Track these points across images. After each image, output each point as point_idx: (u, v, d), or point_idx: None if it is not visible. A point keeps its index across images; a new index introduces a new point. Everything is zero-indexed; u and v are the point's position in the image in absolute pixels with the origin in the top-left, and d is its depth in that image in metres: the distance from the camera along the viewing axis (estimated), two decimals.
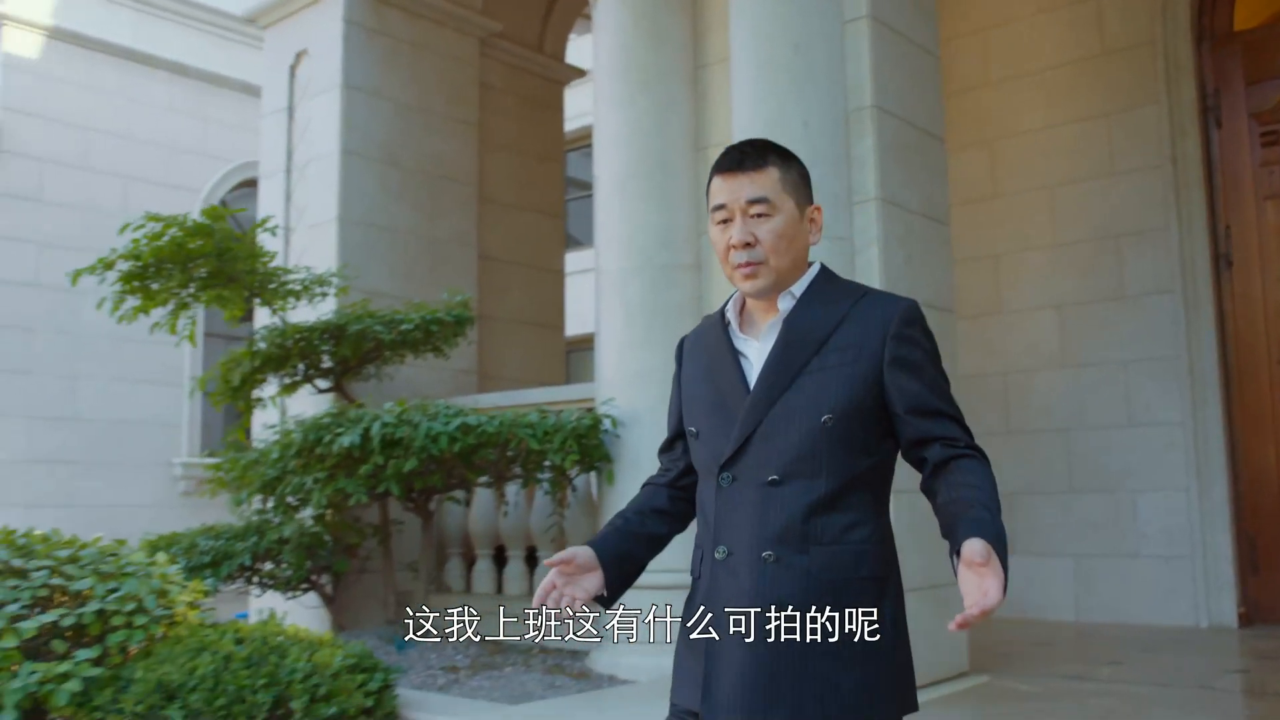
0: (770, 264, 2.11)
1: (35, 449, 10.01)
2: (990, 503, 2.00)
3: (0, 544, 3.95)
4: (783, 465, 2.06)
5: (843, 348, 2.09)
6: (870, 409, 2.08)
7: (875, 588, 2.05)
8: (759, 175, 2.15)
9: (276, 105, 7.00)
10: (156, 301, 5.48)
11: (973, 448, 2.09)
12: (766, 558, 2.04)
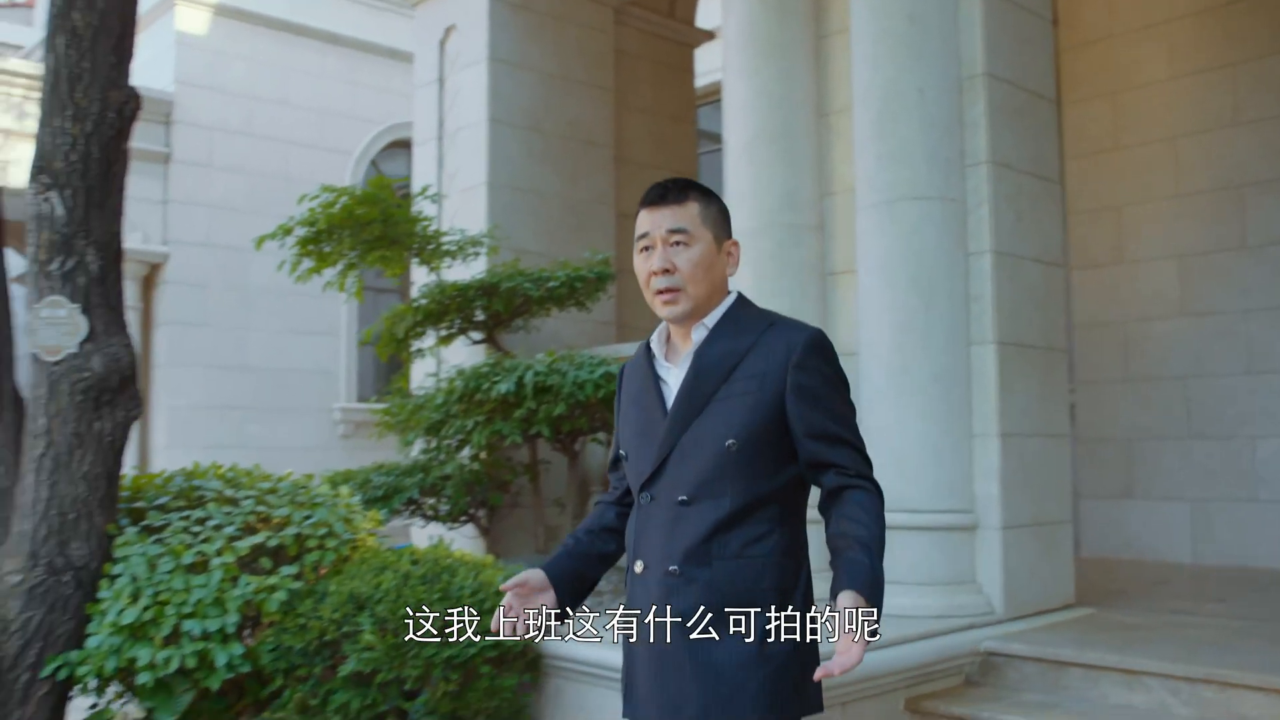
0: (688, 291, 2.27)
1: (211, 396, 10.88)
2: (870, 540, 2.16)
3: (215, 477, 4.59)
4: (692, 486, 2.23)
5: (748, 376, 2.24)
6: (773, 434, 2.23)
7: (777, 597, 2.20)
8: (679, 209, 2.30)
9: (427, 77, 7.53)
10: (328, 262, 6.08)
11: (864, 476, 2.24)
12: (672, 572, 2.20)
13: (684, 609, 2.21)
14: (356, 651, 3.94)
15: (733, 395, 2.25)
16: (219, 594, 3.96)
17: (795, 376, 2.23)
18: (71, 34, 3.95)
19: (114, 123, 4.08)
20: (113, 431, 4.08)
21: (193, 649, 3.85)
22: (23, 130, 9.49)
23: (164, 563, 3.98)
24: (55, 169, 3.96)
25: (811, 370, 2.25)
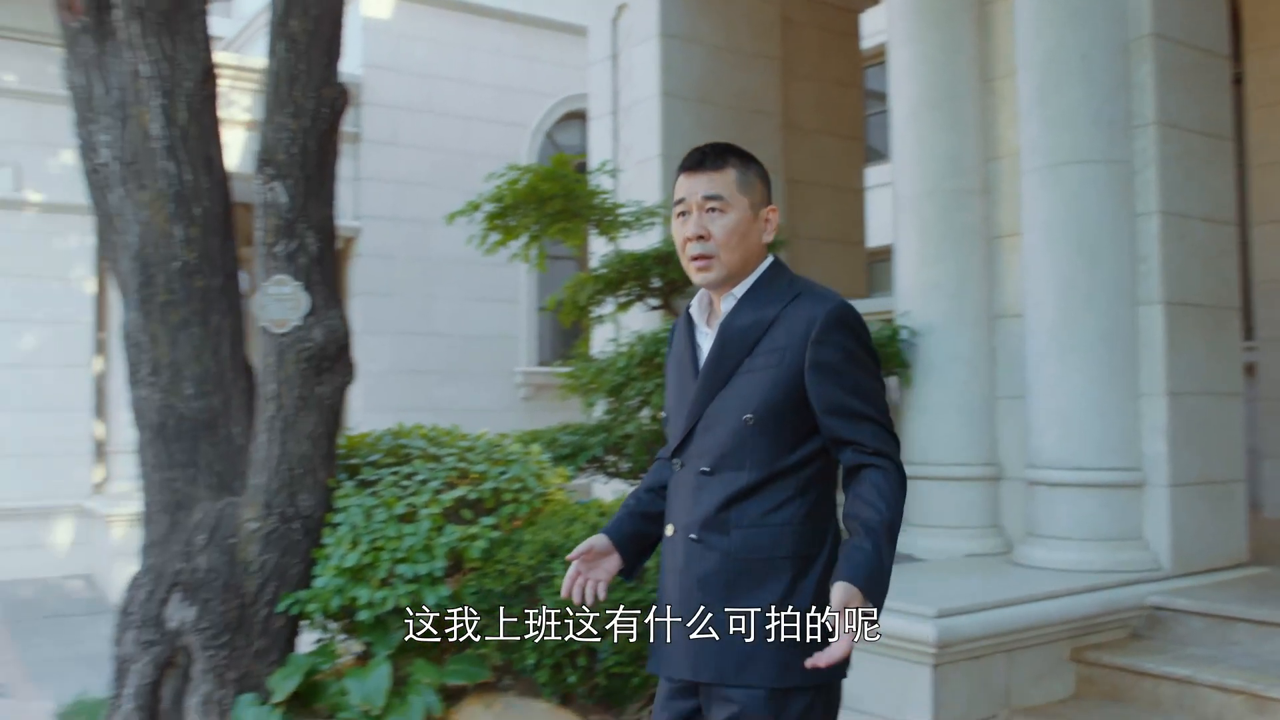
0: (721, 258, 2.27)
1: (400, 361, 11.54)
2: (878, 524, 2.14)
3: (420, 436, 5.04)
4: (714, 457, 2.25)
5: (769, 350, 2.24)
6: (793, 408, 2.24)
7: (795, 564, 2.21)
8: (716, 175, 2.29)
9: (601, 54, 7.85)
10: (513, 235, 6.48)
11: (882, 454, 2.20)
12: (693, 539, 2.26)
13: (704, 573, 2.25)
14: (550, 595, 4.31)
15: (754, 369, 2.26)
16: (427, 541, 4.38)
17: (814, 351, 2.22)
18: (290, 40, 4.39)
19: (327, 117, 4.51)
20: (332, 395, 4.54)
21: (405, 590, 4.28)
22: (229, 119, 10.19)
23: (378, 513, 4.42)
24: (278, 161, 4.42)
25: (831, 345, 2.22)
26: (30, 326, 9.72)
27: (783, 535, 2.23)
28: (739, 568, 2.24)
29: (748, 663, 2.21)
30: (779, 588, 2.20)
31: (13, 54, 9.45)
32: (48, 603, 8.63)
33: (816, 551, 2.25)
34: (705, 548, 2.27)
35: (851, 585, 2.06)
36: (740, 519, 2.25)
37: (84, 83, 4.66)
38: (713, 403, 2.30)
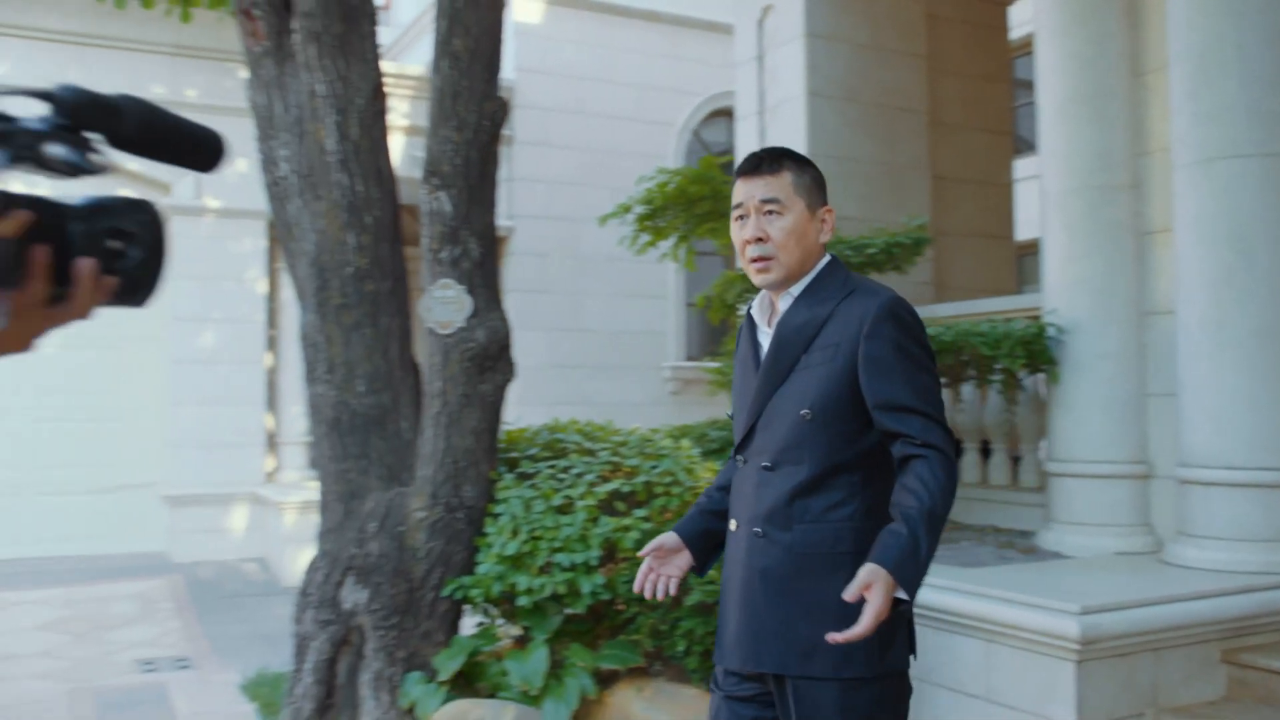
0: (780, 259, 2.35)
1: (552, 356, 11.87)
2: (918, 511, 2.13)
3: (575, 431, 5.27)
4: (774, 453, 2.31)
5: (824, 347, 2.30)
6: (849, 403, 2.29)
7: (855, 560, 2.19)
8: (773, 179, 2.36)
9: (747, 55, 7.98)
10: (663, 235, 6.68)
11: (931, 445, 2.20)
12: (756, 533, 2.32)
13: (766, 567, 2.32)
14: (700, 584, 4.48)
15: (810, 366, 2.32)
16: (583, 532, 4.60)
17: (865, 346, 2.26)
18: (453, 58, 4.65)
19: (488, 129, 4.77)
20: (493, 393, 4.81)
21: (562, 578, 4.51)
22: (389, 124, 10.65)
23: (537, 504, 4.66)
24: (443, 172, 4.69)
25: (881, 339, 2.26)
26: (209, 325, 10.35)
27: (843, 531, 2.29)
28: (800, 562, 2.30)
29: (811, 654, 2.26)
30: (840, 581, 2.17)
31: (192, 71, 10.06)
32: (226, 583, 9.19)
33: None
34: (768, 542, 2.33)
35: (879, 567, 2.08)
36: (802, 514, 2.30)
37: (265, 102, 5.02)
38: (772, 400, 2.36)
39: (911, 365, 2.27)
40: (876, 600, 2.05)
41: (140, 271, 1.12)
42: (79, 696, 5.85)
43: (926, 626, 4.43)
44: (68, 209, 1.07)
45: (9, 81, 8.99)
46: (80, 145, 1.05)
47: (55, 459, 10.12)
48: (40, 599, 8.25)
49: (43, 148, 1.03)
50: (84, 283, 1.06)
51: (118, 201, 1.11)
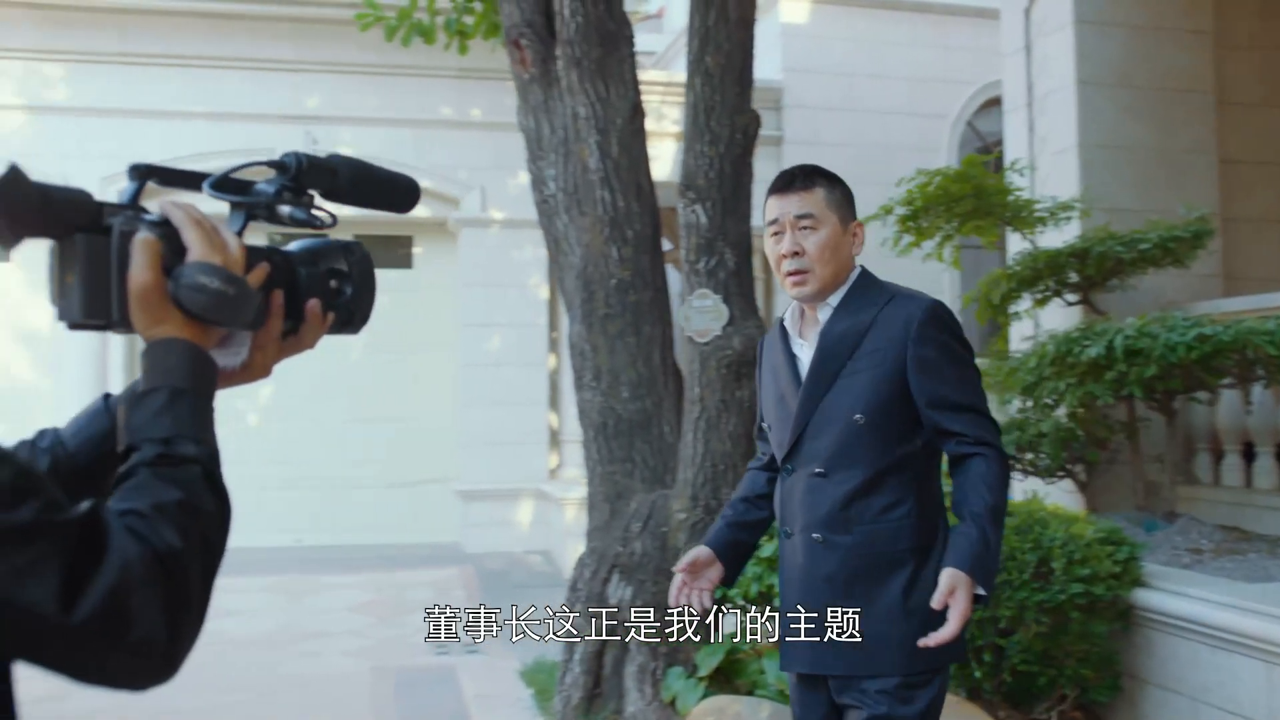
0: (816, 272, 2.43)
1: None
2: (983, 510, 2.25)
3: None
4: (826, 459, 2.35)
5: (870, 352, 2.38)
6: (899, 405, 2.37)
7: (915, 556, 2.34)
8: (806, 195, 2.43)
9: (1015, 46, 7.75)
10: (926, 236, 6.61)
11: (984, 442, 2.31)
12: (815, 539, 2.34)
13: (829, 571, 2.37)
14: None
15: (857, 371, 2.40)
16: None
17: (914, 349, 2.36)
18: (705, 75, 4.81)
19: (741, 142, 4.90)
20: (750, 398, 4.93)
21: None
22: (661, 131, 10.96)
23: None
24: (698, 185, 4.86)
25: (929, 341, 2.37)
26: (495, 330, 10.98)
27: (902, 529, 2.36)
28: (862, 564, 2.36)
29: (878, 653, 2.33)
30: (902, 580, 2.32)
31: (477, 91, 10.70)
32: (513, 574, 9.75)
33: (932, 542, 2.37)
34: (828, 547, 2.39)
35: (958, 571, 2.20)
36: (861, 516, 2.37)
37: (533, 125, 5.34)
38: (819, 407, 2.42)
39: (959, 364, 2.40)
40: (961, 603, 2.18)
41: (355, 305, 1.32)
42: (380, 674, 6.41)
43: (1201, 644, 4.24)
44: (295, 255, 1.27)
45: (322, 112, 9.83)
46: (305, 203, 1.26)
47: (362, 456, 11.01)
48: (349, 583, 9.03)
49: (276, 208, 1.24)
50: (312, 319, 1.27)
51: (333, 245, 1.31)
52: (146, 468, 1.04)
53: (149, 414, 1.07)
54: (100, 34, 10.18)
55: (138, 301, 1.10)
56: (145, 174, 1.22)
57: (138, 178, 1.21)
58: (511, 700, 5.82)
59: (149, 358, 1.11)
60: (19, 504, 0.90)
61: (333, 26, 10.21)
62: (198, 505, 1.04)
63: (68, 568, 0.90)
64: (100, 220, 1.13)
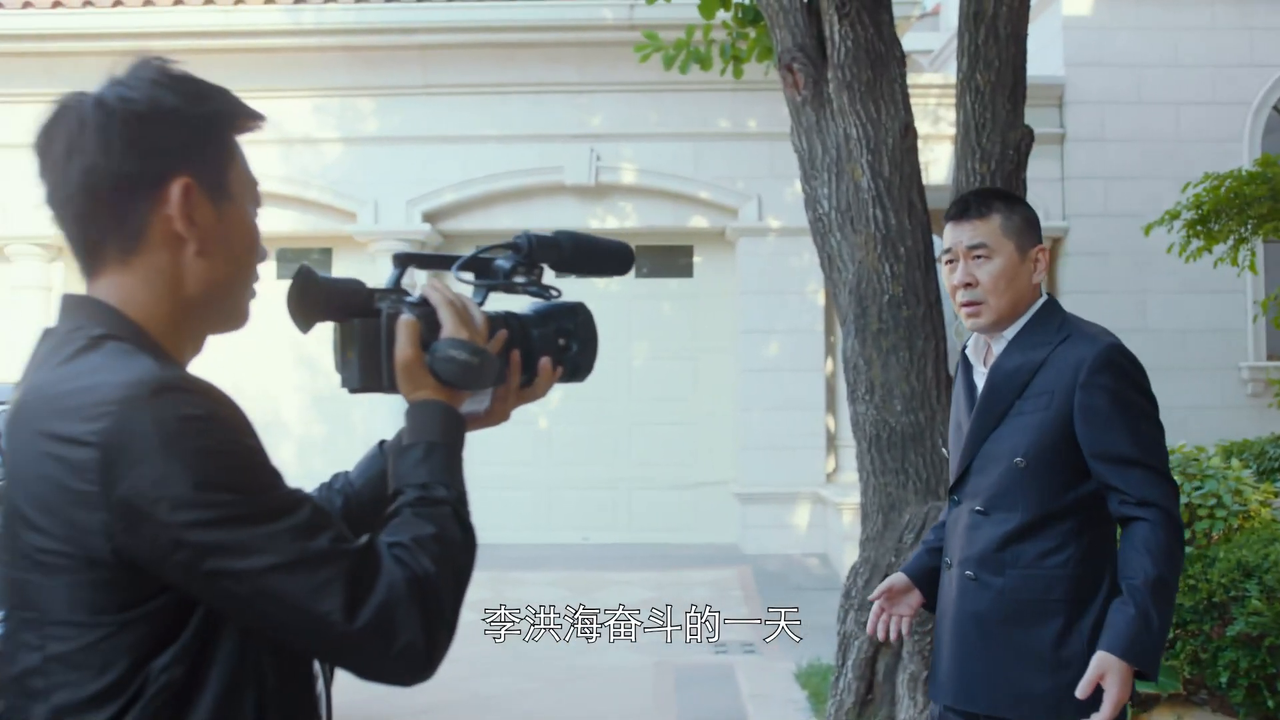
0: (990, 303, 2.35)
1: None
2: (1140, 585, 2.13)
3: None
4: (987, 497, 2.29)
5: (1038, 394, 2.28)
6: (1064, 451, 2.26)
7: (1069, 609, 2.25)
8: (981, 223, 2.34)
9: None
10: (1216, 240, 6.35)
11: (1147, 503, 2.13)
12: (969, 576, 2.29)
13: (978, 610, 2.32)
14: (1244, 615, 4.33)
15: (1024, 412, 2.32)
16: None
17: (1082, 396, 2.27)
18: (975, 92, 4.86)
19: (1013, 158, 4.91)
20: None
21: None
22: (938, 134, 10.89)
23: None
24: None
25: (1098, 389, 2.27)
26: (773, 336, 11.20)
27: (1056, 579, 2.28)
28: (1012, 608, 2.31)
29: (1023, 698, 2.28)
30: (1053, 630, 2.25)
31: (752, 102, 10.94)
32: (791, 576, 9.93)
33: (1091, 596, 2.28)
34: (980, 586, 2.35)
35: (1109, 655, 2.11)
36: (1015, 560, 2.31)
37: (806, 146, 5.52)
38: (985, 444, 2.38)
39: (1130, 414, 2.27)
40: (1114, 691, 2.10)
41: (580, 359, 1.55)
42: (662, 670, 6.75)
43: None
44: (529, 319, 1.52)
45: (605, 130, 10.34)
46: (536, 276, 1.51)
47: (646, 457, 11.49)
48: (633, 580, 9.47)
49: (512, 280, 1.49)
50: (544, 373, 1.51)
51: (562, 307, 1.55)
52: (408, 508, 1.31)
53: (410, 464, 1.34)
54: (404, 69, 11.08)
55: (401, 372, 1.37)
56: (405, 261, 1.49)
57: (399, 265, 1.49)
58: (785, 701, 6.03)
59: (411, 417, 1.38)
60: (316, 535, 1.18)
61: (613, 48, 10.70)
62: (449, 538, 1.29)
63: (351, 586, 1.18)
64: (371, 304, 1.40)
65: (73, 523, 1.13)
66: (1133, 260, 11.45)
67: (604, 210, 11.31)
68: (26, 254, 11.06)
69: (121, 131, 1.23)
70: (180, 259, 1.28)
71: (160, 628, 1.15)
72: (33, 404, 1.19)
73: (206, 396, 1.17)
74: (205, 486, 1.12)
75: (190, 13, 10.74)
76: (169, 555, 1.12)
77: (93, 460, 1.11)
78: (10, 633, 1.20)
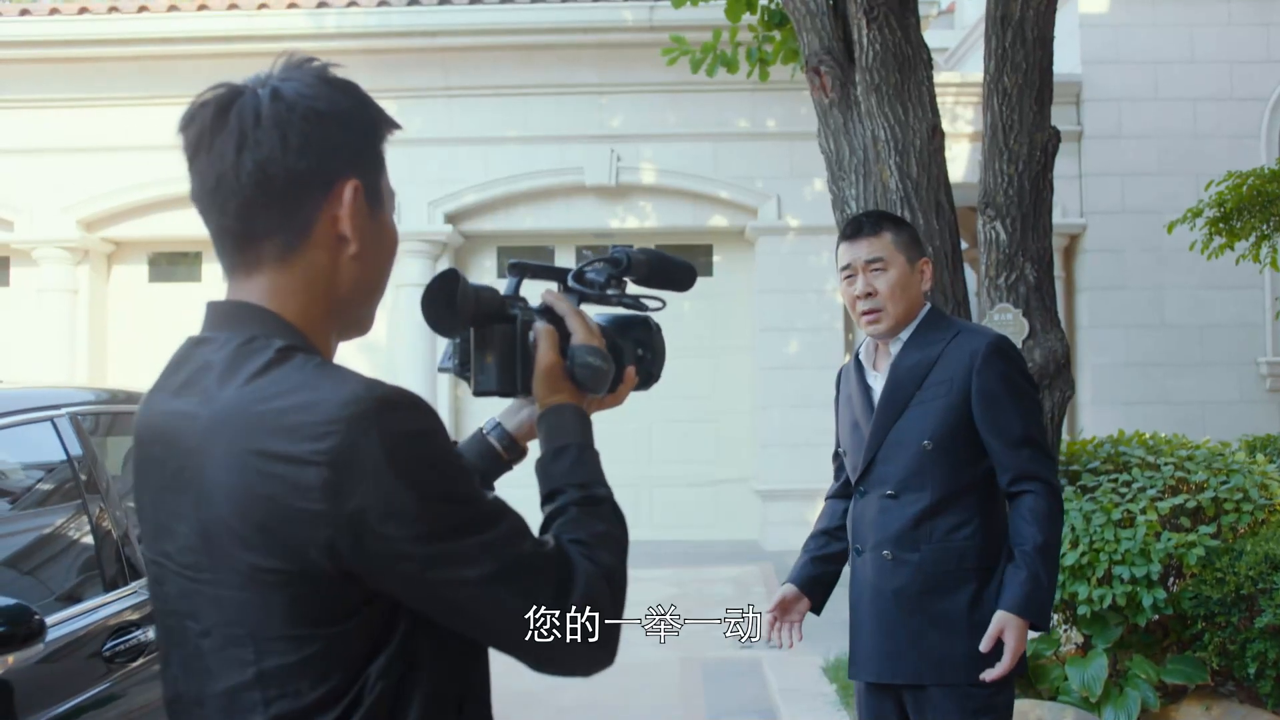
0: (888, 310, 2.61)
1: (1130, 354, 11.47)
2: (1031, 551, 2.44)
3: (1138, 444, 5.32)
4: (897, 482, 2.50)
5: (938, 383, 2.51)
6: (965, 432, 2.54)
7: (979, 576, 2.51)
8: (876, 239, 2.59)
9: None
10: (1238, 237, 6.41)
11: (1032, 476, 2.40)
12: (885, 556, 2.50)
13: (898, 587, 2.55)
14: (1273, 607, 4.40)
15: (925, 400, 2.58)
16: (1143, 546, 4.68)
17: (977, 380, 2.54)
18: (1003, 94, 4.94)
19: (1039, 159, 4.99)
20: (1053, 409, 5.02)
21: (1121, 590, 4.63)
22: (955, 132, 10.93)
23: (1096, 517, 4.81)
24: (997, 203, 4.99)
25: (990, 374, 2.55)
26: (792, 334, 11.27)
27: (968, 550, 2.53)
28: (929, 581, 2.54)
29: (942, 661, 2.52)
30: (966, 595, 2.51)
31: (771, 102, 11.02)
32: None
33: (995, 562, 2.53)
34: (897, 563, 2.58)
35: (1007, 613, 2.43)
36: (929, 535, 2.54)
37: (833, 148, 5.60)
38: (890, 434, 2.60)
39: (1018, 398, 2.56)
40: (1012, 643, 2.42)
41: (651, 368, 1.66)
42: (688, 665, 6.85)
43: None
44: (612, 329, 1.61)
45: (624, 130, 10.41)
46: (622, 287, 1.62)
47: (668, 455, 11.58)
48: (657, 577, 9.56)
49: (605, 292, 1.60)
50: (628, 380, 1.60)
51: (638, 319, 1.65)
52: (575, 506, 1.38)
53: (567, 466, 1.41)
54: (425, 71, 11.18)
55: (542, 376, 1.44)
56: (521, 271, 1.57)
57: (517, 273, 1.57)
58: (815, 695, 6.11)
59: (550, 420, 1.45)
60: (522, 540, 1.26)
61: (633, 50, 10.80)
62: (615, 534, 1.38)
63: (557, 586, 1.25)
64: (505, 311, 1.47)
65: (295, 540, 1.14)
66: (1150, 256, 11.49)
67: (624, 210, 11.40)
68: (53, 257, 11.18)
69: (301, 127, 1.23)
70: (339, 260, 1.29)
71: (373, 633, 1.19)
72: (235, 422, 1.17)
73: (422, 411, 1.20)
74: (429, 499, 1.17)
75: (214, 18, 10.86)
76: (393, 567, 1.16)
77: (321, 479, 1.12)
78: (211, 649, 1.22)
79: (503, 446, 1.62)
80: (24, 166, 11.17)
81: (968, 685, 2.52)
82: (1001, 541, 2.56)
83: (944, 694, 2.55)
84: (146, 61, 10.85)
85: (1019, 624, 2.44)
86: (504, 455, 1.61)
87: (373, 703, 1.18)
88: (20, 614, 2.37)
